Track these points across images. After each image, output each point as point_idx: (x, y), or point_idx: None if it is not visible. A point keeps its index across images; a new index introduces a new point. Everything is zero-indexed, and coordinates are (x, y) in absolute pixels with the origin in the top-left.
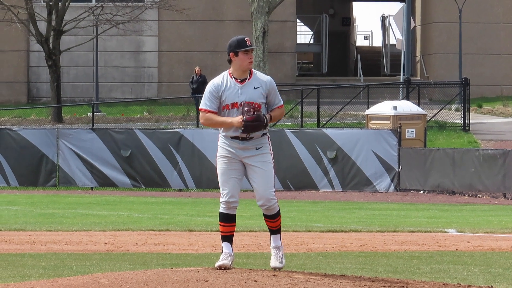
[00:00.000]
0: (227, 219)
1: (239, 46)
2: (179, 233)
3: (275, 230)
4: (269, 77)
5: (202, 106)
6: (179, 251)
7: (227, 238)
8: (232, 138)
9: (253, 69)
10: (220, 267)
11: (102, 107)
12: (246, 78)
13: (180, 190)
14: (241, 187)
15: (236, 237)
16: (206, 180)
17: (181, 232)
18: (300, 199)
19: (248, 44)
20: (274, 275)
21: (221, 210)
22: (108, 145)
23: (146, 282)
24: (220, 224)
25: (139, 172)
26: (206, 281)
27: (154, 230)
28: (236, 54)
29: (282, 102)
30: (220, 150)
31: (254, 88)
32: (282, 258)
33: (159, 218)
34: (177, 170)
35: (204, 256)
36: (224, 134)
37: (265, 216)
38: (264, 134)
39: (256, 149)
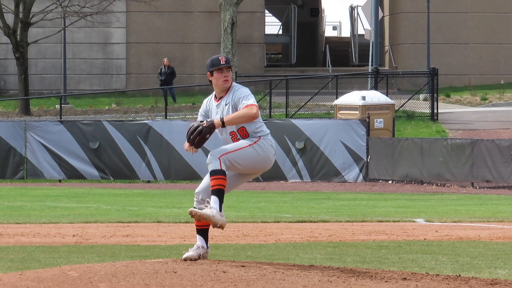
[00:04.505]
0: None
1: (213, 66)
2: (147, 225)
3: (212, 190)
4: (241, 88)
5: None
6: (148, 242)
7: (200, 231)
8: None
9: (234, 85)
10: (185, 259)
11: (70, 99)
12: (223, 96)
13: (148, 181)
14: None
15: None
16: (174, 171)
17: (150, 223)
18: (269, 190)
19: (222, 62)
20: (243, 266)
21: (194, 203)
22: (76, 137)
23: (115, 274)
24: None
25: (108, 164)
26: (175, 272)
27: (122, 222)
28: (212, 74)
29: (248, 103)
30: None
31: (225, 104)
32: (217, 212)
33: (127, 210)
34: (146, 162)
35: (172, 248)
36: None
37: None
38: (256, 135)
39: (242, 138)
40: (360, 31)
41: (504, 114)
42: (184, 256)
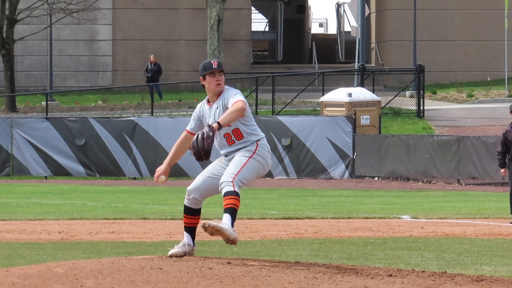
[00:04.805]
0: (188, 211)
1: (205, 70)
2: (133, 222)
3: (226, 209)
4: (230, 89)
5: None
6: (134, 239)
7: (188, 229)
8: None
9: (226, 88)
10: (171, 256)
11: (56, 96)
12: (215, 100)
13: (134, 178)
14: (215, 191)
15: None
16: None
17: (136, 220)
18: (255, 186)
19: (214, 66)
20: (228, 263)
21: (184, 201)
22: (62, 134)
23: (100, 271)
24: (183, 216)
25: (94, 161)
26: (161, 269)
27: (108, 219)
28: (205, 78)
29: (235, 99)
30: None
31: (217, 108)
32: (230, 229)
33: (113, 207)
34: (132, 159)
35: (158, 244)
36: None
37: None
38: (254, 142)
39: (238, 149)
40: (347, 28)
41: (490, 111)
42: (170, 252)
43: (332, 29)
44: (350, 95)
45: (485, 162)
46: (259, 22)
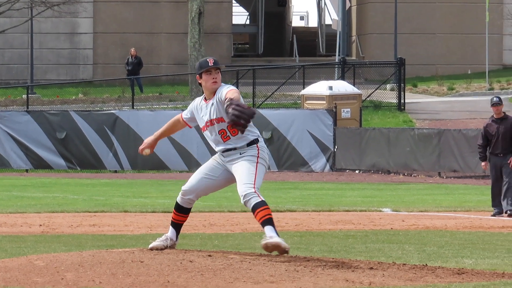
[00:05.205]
0: (178, 209)
1: (201, 68)
2: (114, 215)
3: (262, 222)
4: (225, 85)
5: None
6: (114, 232)
7: (175, 224)
8: (218, 150)
9: (221, 86)
10: (151, 248)
11: (37, 89)
12: (212, 97)
13: (115, 171)
14: (211, 191)
15: None
16: (141, 161)
17: (117, 213)
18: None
19: (210, 64)
20: (209, 255)
21: (177, 198)
22: (43, 127)
23: (81, 264)
24: (173, 212)
25: (74, 154)
26: (141, 262)
27: (89, 212)
28: (201, 76)
29: (228, 89)
30: (215, 155)
31: (211, 104)
32: (279, 240)
33: (94, 200)
34: (113, 152)
35: (139, 237)
36: (215, 150)
37: (251, 211)
38: (252, 143)
39: (240, 154)
40: (328, 21)
41: (471, 104)
42: (151, 245)
43: (313, 22)
44: (330, 88)
45: (466, 155)
46: (240, 15)
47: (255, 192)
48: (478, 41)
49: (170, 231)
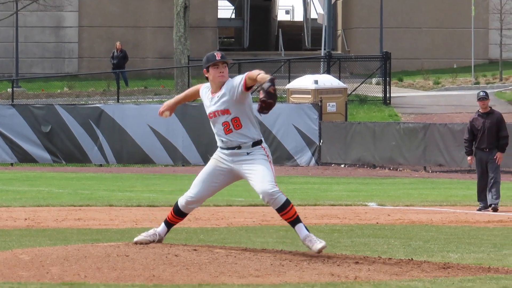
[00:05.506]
0: (178, 213)
1: (208, 62)
2: (99, 209)
3: (292, 221)
4: (235, 77)
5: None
6: (100, 226)
7: (169, 224)
8: (222, 148)
9: (229, 80)
10: (136, 242)
11: (22, 83)
12: (217, 91)
13: (100, 165)
14: (213, 194)
15: (157, 211)
16: (126, 155)
17: (102, 207)
18: None
19: (218, 58)
20: (195, 250)
21: (179, 202)
22: (28, 120)
23: (67, 258)
24: (171, 213)
25: (60, 148)
26: (127, 256)
27: (74, 206)
28: (208, 70)
29: (241, 76)
30: (215, 154)
31: (218, 97)
32: (316, 239)
33: (79, 194)
34: (98, 146)
35: (124, 231)
36: (218, 145)
37: (278, 210)
38: (257, 144)
39: (248, 154)
40: (313, 15)
41: (456, 98)
42: (136, 239)
43: (299, 16)
44: (316, 82)
45: (451, 149)
46: (225, 9)
47: (279, 190)
48: (464, 36)
49: (162, 228)
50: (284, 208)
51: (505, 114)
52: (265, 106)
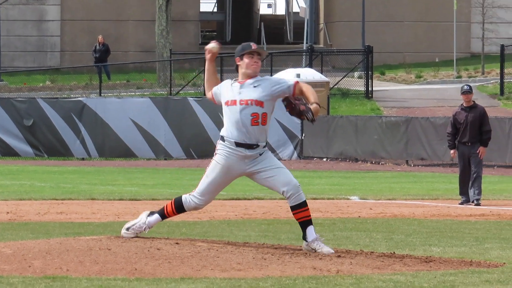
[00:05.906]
0: (180, 211)
1: (243, 50)
2: (81, 202)
3: (305, 221)
4: (275, 78)
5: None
6: (82, 220)
7: (164, 217)
8: (238, 145)
9: (265, 78)
10: (121, 236)
11: (4, 76)
12: (245, 80)
13: (83, 159)
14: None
15: (139, 205)
16: (109, 149)
17: (84, 201)
18: (203, 167)
19: (253, 47)
20: (177, 243)
21: (186, 203)
22: (10, 114)
23: (49, 251)
24: (172, 209)
25: (42, 141)
26: (109, 249)
27: (56, 199)
28: (242, 58)
29: (291, 82)
30: (221, 159)
31: (253, 85)
32: (325, 245)
33: (61, 187)
34: (80, 139)
35: (106, 225)
36: (229, 139)
37: (295, 207)
38: (265, 146)
39: (260, 154)
40: (295, 8)
41: (438, 92)
42: (124, 233)
43: (281, 10)
44: (298, 76)
45: (433, 143)
46: (207, 3)
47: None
48: (446, 29)
49: (155, 220)
50: (303, 206)
51: (487, 108)
52: (301, 117)
